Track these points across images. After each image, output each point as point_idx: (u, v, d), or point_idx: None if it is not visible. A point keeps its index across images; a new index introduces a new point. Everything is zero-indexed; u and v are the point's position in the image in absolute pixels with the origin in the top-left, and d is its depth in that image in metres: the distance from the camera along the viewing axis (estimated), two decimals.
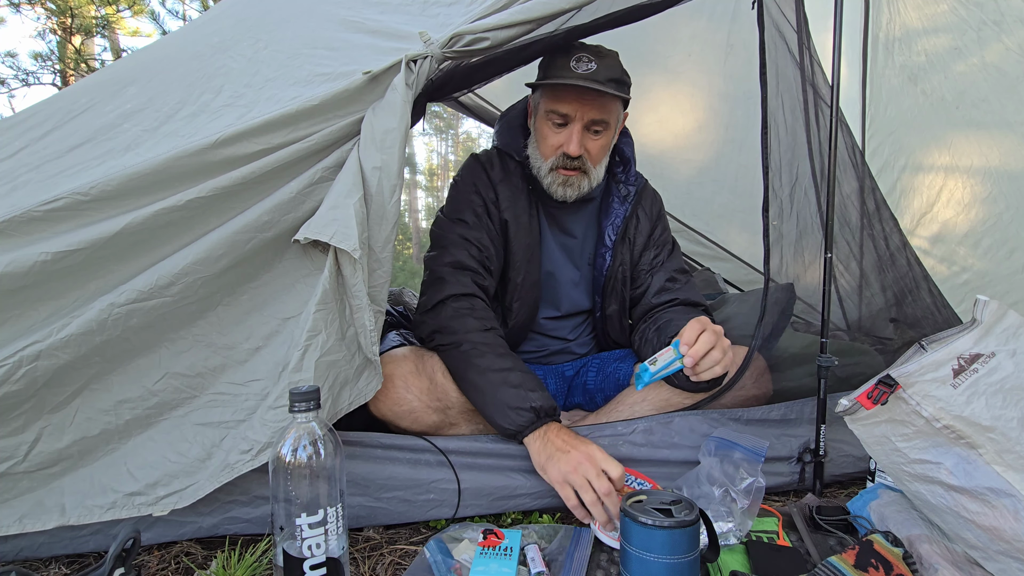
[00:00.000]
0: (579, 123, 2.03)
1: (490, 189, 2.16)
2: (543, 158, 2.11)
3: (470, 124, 24.99)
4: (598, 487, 1.56)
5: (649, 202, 2.31)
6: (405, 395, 1.81)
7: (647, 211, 2.29)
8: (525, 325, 2.25)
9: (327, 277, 1.53)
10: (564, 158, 2.07)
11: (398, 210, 1.63)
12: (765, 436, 1.88)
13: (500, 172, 2.18)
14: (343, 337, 1.57)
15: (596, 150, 2.10)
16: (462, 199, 2.16)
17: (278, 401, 1.48)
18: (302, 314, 1.58)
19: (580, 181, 2.11)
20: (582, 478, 1.59)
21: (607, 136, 2.10)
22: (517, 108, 2.31)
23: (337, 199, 1.54)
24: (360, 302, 1.55)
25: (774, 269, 2.13)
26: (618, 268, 2.25)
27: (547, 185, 2.13)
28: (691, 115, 3.89)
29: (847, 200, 2.52)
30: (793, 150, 2.31)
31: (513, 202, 2.16)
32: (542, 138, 2.10)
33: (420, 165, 22.41)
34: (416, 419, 1.82)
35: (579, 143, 2.04)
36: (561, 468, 1.62)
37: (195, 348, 1.53)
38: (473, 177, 2.18)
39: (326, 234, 1.49)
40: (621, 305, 2.28)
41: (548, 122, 2.07)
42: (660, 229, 2.31)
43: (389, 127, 1.58)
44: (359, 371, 1.63)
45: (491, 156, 2.23)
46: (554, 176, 2.11)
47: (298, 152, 1.56)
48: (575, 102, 2.01)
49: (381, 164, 1.58)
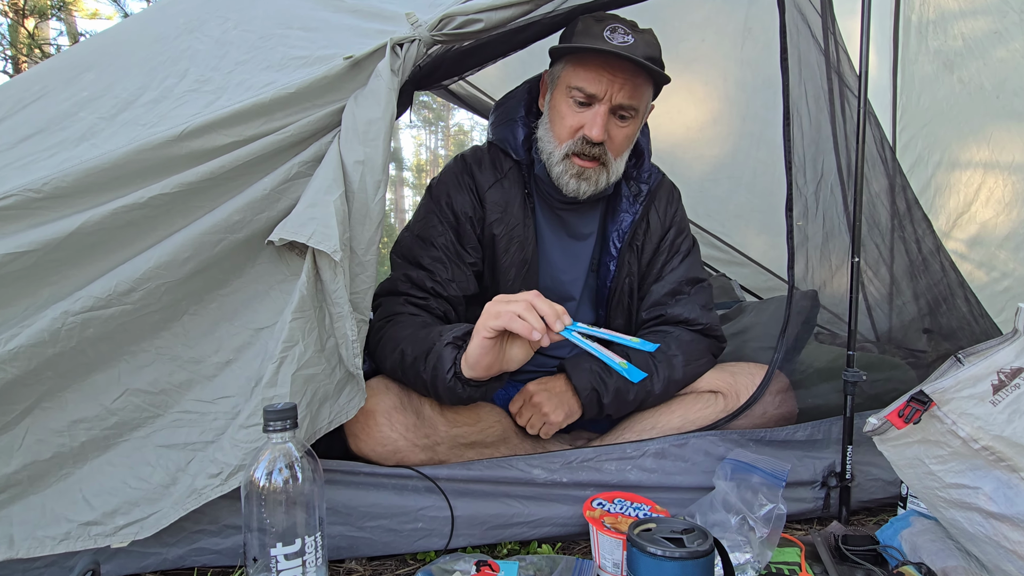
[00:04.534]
0: (606, 104, 1.95)
1: (473, 200, 2.12)
2: (557, 142, 2.04)
3: (462, 115, 25.05)
4: (524, 298, 1.61)
5: (664, 203, 2.26)
6: (389, 433, 1.78)
7: (660, 214, 2.24)
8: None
9: (304, 282, 1.54)
10: (583, 143, 1.99)
11: (383, 209, 1.64)
12: (786, 458, 1.88)
13: (491, 174, 2.14)
14: (322, 349, 1.57)
15: (620, 140, 2.04)
16: (433, 215, 2.12)
17: (250, 420, 1.48)
18: (277, 323, 1.58)
19: (597, 175, 2.04)
20: (505, 303, 1.62)
21: (633, 126, 2.05)
22: (515, 96, 2.25)
23: (316, 196, 1.54)
24: (341, 310, 1.56)
25: (798, 275, 2.13)
26: (624, 279, 2.22)
27: (557, 176, 2.06)
28: (705, 106, 3.90)
29: (876, 199, 2.53)
30: (817, 144, 2.32)
31: (505, 212, 2.12)
32: (559, 117, 2.03)
33: (407, 160, 22.44)
34: (402, 459, 1.79)
35: (603, 127, 1.96)
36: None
37: (158, 362, 1.53)
38: (451, 187, 2.14)
39: (303, 235, 1.50)
40: (628, 319, 2.26)
41: (569, 99, 1.99)
42: (674, 233, 2.26)
43: (373, 117, 1.59)
44: (340, 386, 1.63)
45: (481, 155, 2.20)
46: (567, 165, 2.02)
47: (272, 145, 1.57)
48: (605, 78, 1.93)
49: (364, 158, 1.58)
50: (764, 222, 4.12)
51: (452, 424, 1.89)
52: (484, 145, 2.26)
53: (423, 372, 1.75)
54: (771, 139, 3.59)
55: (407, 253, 2.08)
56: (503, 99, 2.29)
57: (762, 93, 3.60)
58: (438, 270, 2.03)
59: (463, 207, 2.10)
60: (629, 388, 2.00)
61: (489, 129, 2.29)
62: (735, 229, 4.33)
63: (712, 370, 2.13)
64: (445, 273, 2.04)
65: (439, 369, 1.71)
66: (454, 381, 1.70)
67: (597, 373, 2.00)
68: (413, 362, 1.78)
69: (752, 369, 2.10)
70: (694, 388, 2.10)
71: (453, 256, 2.07)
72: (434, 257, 2.05)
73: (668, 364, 2.05)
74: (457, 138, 23.49)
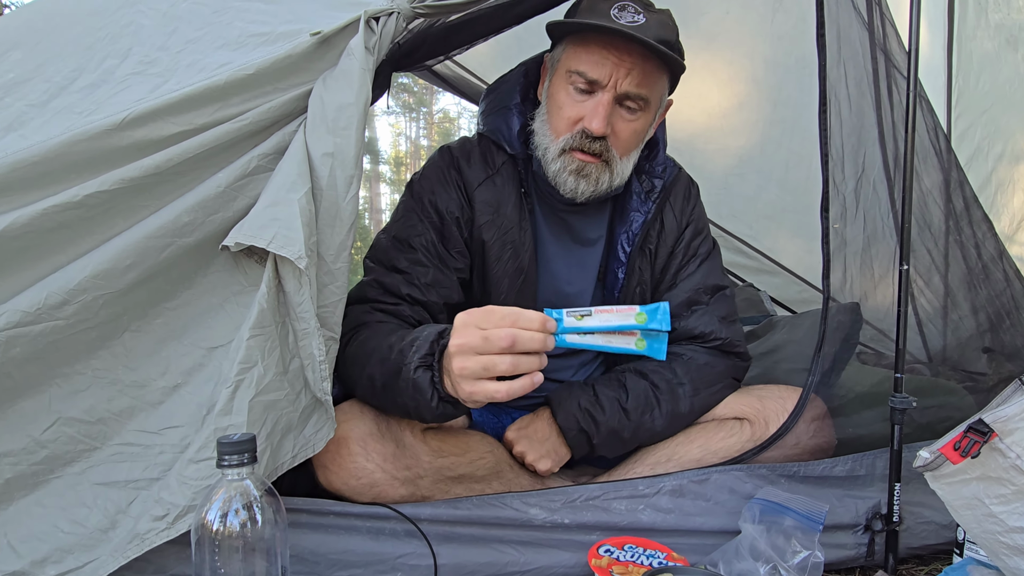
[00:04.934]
0: (610, 93, 1.94)
1: (460, 199, 2.12)
2: (554, 135, 2.03)
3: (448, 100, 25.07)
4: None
5: (680, 200, 2.27)
6: (364, 464, 1.77)
7: (676, 213, 2.25)
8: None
9: (264, 294, 1.54)
10: (582, 137, 1.98)
11: (356, 209, 1.65)
12: (824, 498, 1.88)
13: (481, 170, 2.15)
14: (285, 371, 1.58)
15: (627, 135, 2.02)
16: (413, 214, 2.12)
17: (201, 453, 1.48)
18: (232, 342, 1.58)
19: (599, 173, 2.02)
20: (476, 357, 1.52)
21: (643, 120, 2.03)
22: (510, 80, 2.25)
23: (278, 194, 1.55)
24: (307, 326, 1.56)
25: (835, 285, 2.14)
26: (635, 288, 2.22)
27: (553, 174, 2.04)
28: (729, 89, 3.92)
29: (928, 197, 2.53)
30: (859, 133, 2.32)
31: (497, 213, 2.12)
32: (556, 107, 2.02)
33: (384, 152, 22.46)
34: (379, 494, 1.78)
35: (605, 119, 1.95)
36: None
37: (95, 386, 1.53)
38: (435, 183, 2.14)
39: (263, 238, 1.51)
40: None
41: (569, 86, 1.98)
42: (691, 233, 2.26)
43: (344, 103, 1.60)
44: (306, 414, 1.63)
45: (469, 148, 2.19)
46: (565, 160, 2.01)
47: (228, 135, 1.57)
48: (610, 62, 1.92)
49: (334, 150, 1.59)
50: (798, 224, 4.13)
51: (437, 454, 1.89)
52: (474, 136, 2.26)
53: (400, 399, 1.72)
54: (806, 127, 3.58)
55: (382, 257, 2.08)
56: (496, 83, 2.29)
57: (795, 74, 3.61)
58: (417, 273, 2.03)
59: (448, 206, 2.10)
60: (624, 426, 2.01)
61: (479, 118, 2.28)
62: (764, 232, 4.34)
63: (737, 394, 2.14)
64: (425, 277, 2.03)
65: (420, 398, 1.66)
66: (443, 406, 1.67)
67: (586, 410, 2.01)
68: (384, 389, 1.76)
69: (783, 393, 2.11)
70: (716, 415, 2.11)
71: (434, 258, 2.07)
72: (412, 259, 2.04)
73: (671, 395, 2.06)
74: (442, 127, 23.52)
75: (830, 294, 2.10)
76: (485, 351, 1.48)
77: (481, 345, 1.48)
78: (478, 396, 1.53)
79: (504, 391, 1.49)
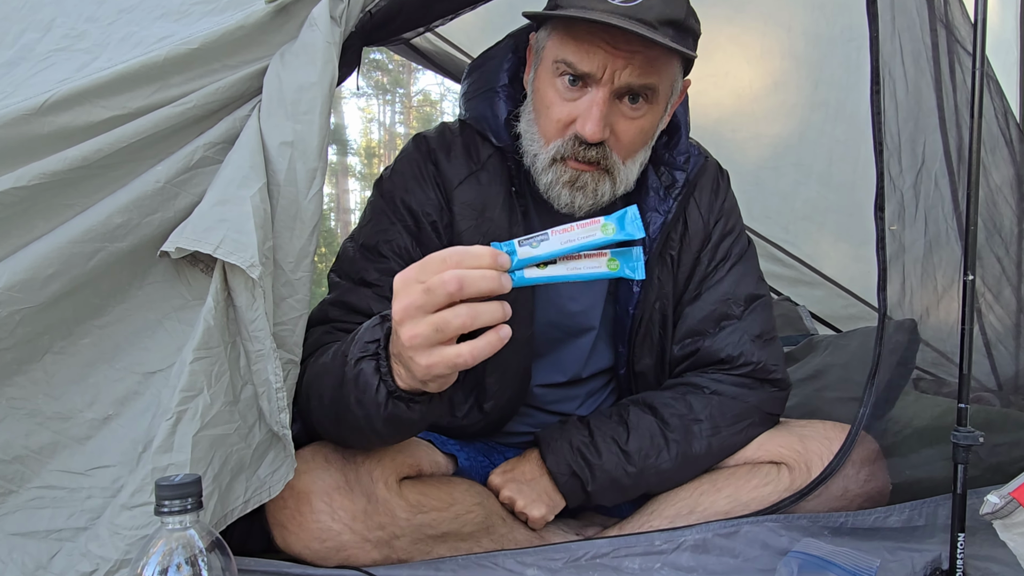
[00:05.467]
0: (606, 87, 1.88)
1: (439, 199, 2.13)
2: (543, 140, 2.00)
3: (429, 80, 25.03)
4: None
5: (707, 195, 2.27)
6: (330, 524, 1.77)
7: (702, 210, 2.25)
8: (512, 403, 2.23)
9: (211, 309, 1.55)
10: (575, 144, 1.93)
11: (320, 208, 1.67)
12: (875, 551, 1.88)
13: (462, 164, 2.14)
14: (236, 400, 1.59)
15: (631, 135, 1.98)
16: (383, 217, 2.12)
17: (137, 498, 1.48)
18: (173, 366, 1.59)
19: (598, 183, 1.99)
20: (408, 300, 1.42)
21: (652, 114, 2.00)
22: (496, 56, 2.24)
23: (227, 191, 1.56)
24: (262, 346, 1.57)
25: (892, 299, 2.13)
26: (654, 304, 2.21)
27: (545, 186, 2.03)
28: (763, 66, 3.94)
29: (997, 195, 2.55)
30: (917, 119, 2.32)
31: (482, 217, 2.12)
32: (544, 106, 1.98)
33: (353, 142, 22.32)
34: (348, 558, 1.80)
35: (601, 121, 1.89)
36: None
37: (11, 419, 1.53)
38: (408, 179, 2.15)
39: (210, 243, 1.52)
40: (659, 358, 2.27)
41: (557, 80, 1.94)
42: (720, 232, 2.27)
43: (305, 83, 1.62)
44: (261, 452, 1.65)
45: (450, 139, 2.19)
46: (558, 170, 1.98)
47: (168, 121, 1.58)
48: (602, 51, 1.85)
49: (294, 138, 1.61)
50: (844, 226, 4.15)
51: (416, 509, 1.88)
52: (455, 124, 2.25)
53: (349, 412, 1.66)
54: (853, 112, 3.63)
55: (349, 269, 2.09)
56: (480, 59, 2.28)
57: (841, 49, 3.64)
58: (389, 285, 1.86)
59: (424, 207, 2.11)
60: (624, 471, 2.02)
61: (461, 101, 2.27)
62: (804, 236, 4.35)
63: (774, 432, 2.15)
64: None
65: (366, 398, 1.59)
66: (393, 403, 1.58)
67: (579, 451, 2.02)
68: (332, 405, 1.72)
69: (828, 430, 2.12)
70: (748, 457, 2.12)
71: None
72: (383, 269, 2.04)
73: (684, 433, 2.06)
74: (422, 111, 23.40)
75: (885, 310, 2.09)
76: (432, 306, 1.37)
77: (425, 300, 1.37)
78: (438, 368, 1.41)
79: (468, 352, 1.38)
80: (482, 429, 2.26)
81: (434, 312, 1.37)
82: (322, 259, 7.39)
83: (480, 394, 2.16)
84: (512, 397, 2.20)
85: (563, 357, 2.28)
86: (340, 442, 1.87)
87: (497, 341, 1.39)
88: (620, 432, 2.06)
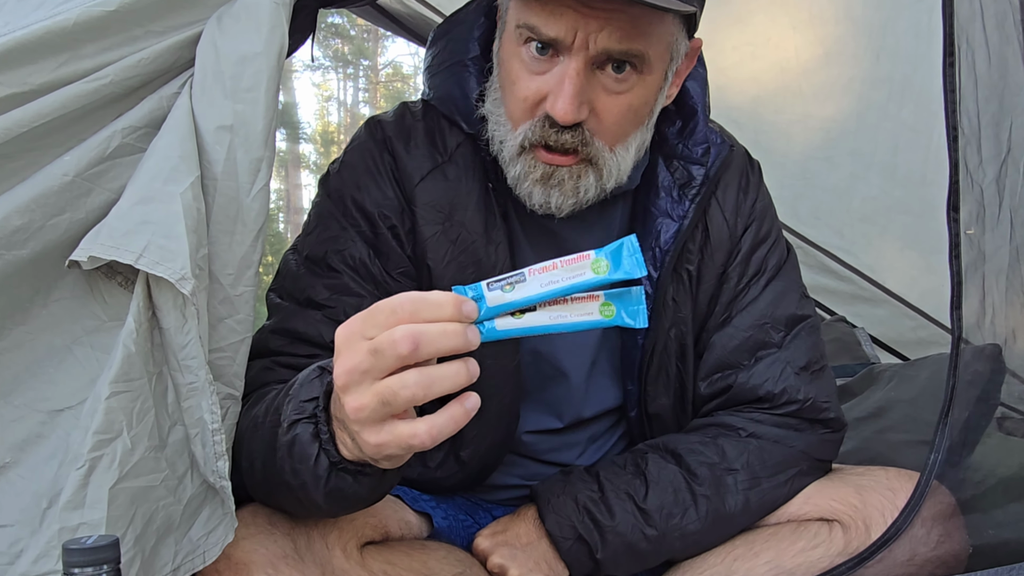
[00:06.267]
0: (579, 55, 1.80)
1: (398, 197, 2.08)
2: (510, 124, 1.97)
3: (399, 49, 25.20)
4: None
5: (733, 192, 2.24)
6: None
7: (727, 212, 2.22)
8: (495, 451, 2.22)
9: (132, 333, 1.53)
10: (546, 127, 1.88)
11: (266, 207, 1.66)
12: None
13: (426, 156, 2.11)
14: (162, 444, 1.57)
15: (616, 114, 1.91)
16: (332, 221, 2.08)
17: (41, 565, 1.46)
18: (85, 402, 1.57)
19: (579, 177, 1.94)
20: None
21: (643, 87, 1.92)
22: (464, 20, 2.20)
23: (151, 187, 1.55)
24: (195, 378, 1.55)
25: (971, 319, 2.12)
26: (668, 330, 2.19)
27: (514, 180, 1.99)
28: (811, 32, 3.95)
29: None
30: (1002, 97, 2.30)
31: (450, 220, 2.07)
32: (509, 82, 1.95)
33: (307, 125, 22.44)
34: None
35: (575, 98, 1.81)
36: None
37: None
38: (361, 176, 2.12)
39: (130, 251, 1.49)
40: (679, 397, 2.26)
41: (522, 48, 1.89)
42: (752, 240, 2.24)
43: (248, 53, 1.61)
44: (193, 508, 1.63)
45: (410, 124, 2.16)
46: (527, 162, 1.94)
47: (78, 100, 1.56)
48: (571, 9, 1.76)
49: (234, 122, 1.60)
50: (911, 230, 4.16)
51: None
52: (417, 105, 2.22)
53: (284, 481, 1.61)
54: (923, 89, 3.63)
55: (291, 287, 2.06)
56: (445, 26, 2.24)
57: (909, 12, 3.64)
58: (343, 306, 1.97)
59: (380, 207, 2.07)
60: (642, 535, 1.99)
61: (424, 78, 2.24)
62: (862, 242, 4.37)
63: (824, 482, 2.14)
64: (354, 311, 1.81)
65: (303, 468, 1.54)
66: (336, 476, 1.53)
67: (586, 509, 2.00)
68: (265, 471, 1.68)
69: (891, 480, 2.09)
70: (792, 513, 2.11)
71: (367, 282, 2.03)
72: (334, 286, 2.01)
73: (715, 487, 2.04)
74: (391, 87, 23.48)
75: (962, 332, 2.07)
76: (380, 371, 1.29)
77: (371, 363, 1.29)
78: (390, 448, 1.35)
79: (424, 432, 1.30)
80: (461, 482, 2.24)
81: (384, 378, 1.30)
82: (268, 270, 7.40)
83: (456, 439, 2.04)
84: (495, 444, 2.19)
85: (556, 396, 2.26)
86: (280, 510, 1.81)
87: (462, 415, 1.31)
88: (637, 486, 2.04)
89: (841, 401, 2.38)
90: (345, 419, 1.39)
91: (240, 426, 1.78)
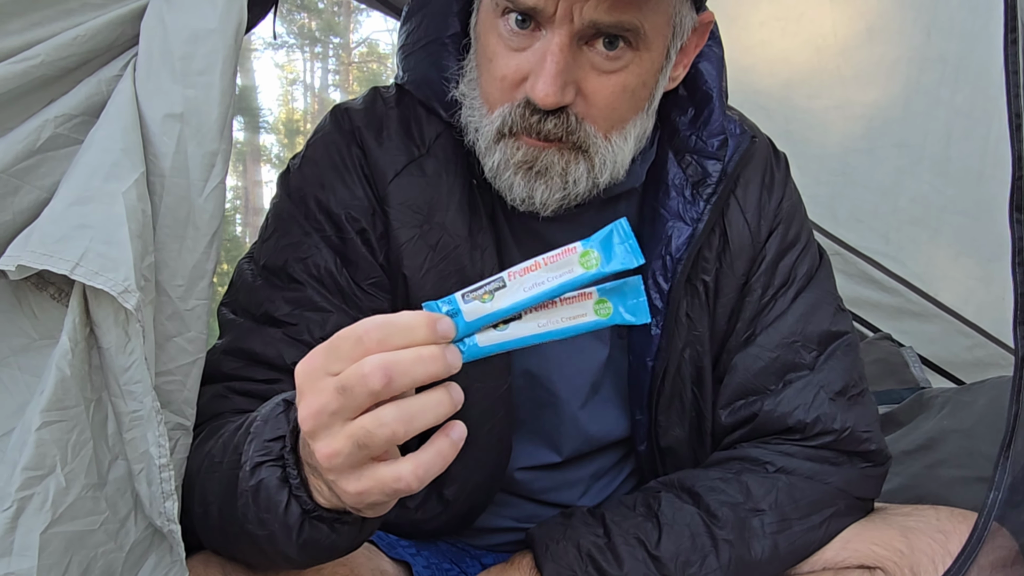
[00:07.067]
0: (563, 29, 1.78)
1: (369, 199, 2.10)
2: (485, 107, 1.97)
3: (375, 24, 25.04)
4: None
5: (756, 191, 2.23)
6: None
7: (749, 214, 2.21)
8: (483, 489, 2.21)
9: (67, 353, 1.53)
10: (527, 111, 1.88)
11: (221, 207, 1.67)
12: None
13: (400, 149, 2.11)
14: (102, 482, 1.58)
15: (608, 96, 1.90)
16: (293, 225, 2.09)
17: None
18: (13, 432, 1.58)
19: (567, 164, 1.93)
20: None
21: (641, 65, 1.90)
22: None
23: (89, 185, 1.55)
24: (139, 406, 1.56)
25: None
26: (682, 351, 2.18)
27: (492, 171, 1.99)
28: (852, 6, 3.95)
29: None
30: None
31: (428, 223, 2.09)
32: (485, 59, 1.95)
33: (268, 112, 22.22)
34: None
35: (559, 77, 1.80)
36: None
37: None
38: (326, 172, 2.12)
39: (65, 260, 1.50)
40: (695, 427, 2.26)
41: (499, 21, 1.88)
42: (778, 245, 2.22)
43: (201, 30, 1.62)
44: (138, 555, 1.64)
45: (382, 112, 2.16)
46: (507, 149, 1.93)
47: (3, 83, 1.55)
48: None
49: (184, 109, 1.61)
50: (967, 233, 4.15)
51: None
52: (390, 90, 2.22)
53: (246, 530, 1.58)
54: (980, 72, 3.64)
55: (247, 301, 2.05)
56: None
57: None
58: (305, 323, 1.96)
59: (348, 208, 2.07)
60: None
61: (398, 59, 2.22)
62: (910, 248, 4.36)
63: (864, 523, 2.14)
64: (319, 328, 1.95)
65: (270, 517, 1.50)
66: (311, 525, 1.49)
67: (590, 556, 1.98)
68: (224, 516, 1.64)
69: (943, 522, 2.09)
70: (828, 560, 2.10)
71: (334, 295, 2.02)
72: (296, 299, 2.00)
73: (740, 529, 2.03)
74: (365, 68, 23.26)
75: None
76: (352, 410, 1.25)
77: (341, 403, 1.25)
78: (372, 496, 1.32)
79: (409, 473, 1.28)
80: (445, 524, 2.23)
81: (356, 418, 1.27)
82: (223, 279, 7.38)
83: (439, 475, 2.02)
84: (484, 480, 2.18)
85: (553, 425, 2.25)
86: (246, 563, 1.79)
87: (449, 448, 1.31)
88: (648, 529, 2.02)
89: (885, 432, 2.37)
90: (317, 466, 1.37)
91: (191, 463, 1.76)
